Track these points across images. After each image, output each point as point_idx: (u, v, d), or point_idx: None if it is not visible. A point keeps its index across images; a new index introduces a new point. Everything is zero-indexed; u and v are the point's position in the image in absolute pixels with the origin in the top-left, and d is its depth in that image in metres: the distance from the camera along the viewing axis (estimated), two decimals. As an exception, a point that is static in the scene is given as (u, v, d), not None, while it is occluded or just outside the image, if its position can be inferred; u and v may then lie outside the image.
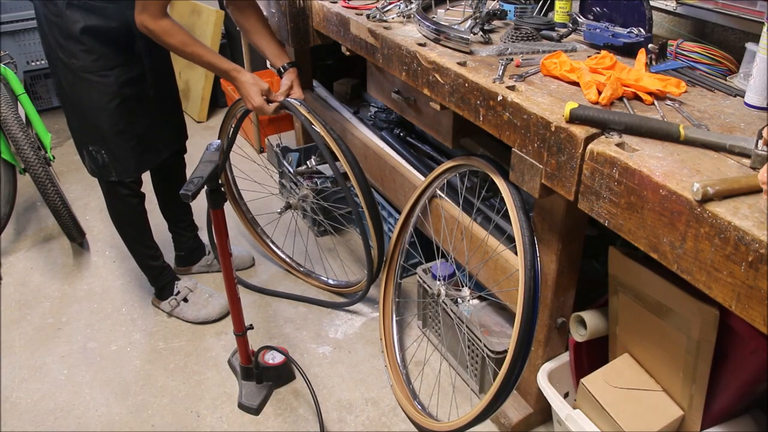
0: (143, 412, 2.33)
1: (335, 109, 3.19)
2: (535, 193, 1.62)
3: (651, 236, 1.30)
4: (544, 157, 1.55)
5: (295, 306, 2.82)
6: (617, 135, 1.42)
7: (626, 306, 1.77)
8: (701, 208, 1.17)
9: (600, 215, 1.43)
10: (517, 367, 1.81)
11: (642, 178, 1.28)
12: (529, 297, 1.77)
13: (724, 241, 1.13)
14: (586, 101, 1.56)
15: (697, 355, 1.56)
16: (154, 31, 2.11)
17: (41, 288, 2.99)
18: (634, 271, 1.67)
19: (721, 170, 1.28)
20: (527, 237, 1.80)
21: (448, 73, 1.85)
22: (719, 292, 1.18)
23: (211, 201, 1.95)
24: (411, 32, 2.15)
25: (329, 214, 3.11)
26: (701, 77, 1.74)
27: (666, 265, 1.29)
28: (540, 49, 1.95)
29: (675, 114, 1.53)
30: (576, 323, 1.92)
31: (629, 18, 1.96)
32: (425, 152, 2.75)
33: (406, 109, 2.38)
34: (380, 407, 2.32)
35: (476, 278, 2.19)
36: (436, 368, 2.46)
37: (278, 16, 2.87)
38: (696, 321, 1.51)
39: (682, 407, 1.70)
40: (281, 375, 2.42)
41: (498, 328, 2.24)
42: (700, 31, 2.03)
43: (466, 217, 2.19)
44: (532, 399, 2.13)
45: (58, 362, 2.56)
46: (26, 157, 2.92)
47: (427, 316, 2.57)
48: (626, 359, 1.84)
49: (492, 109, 1.69)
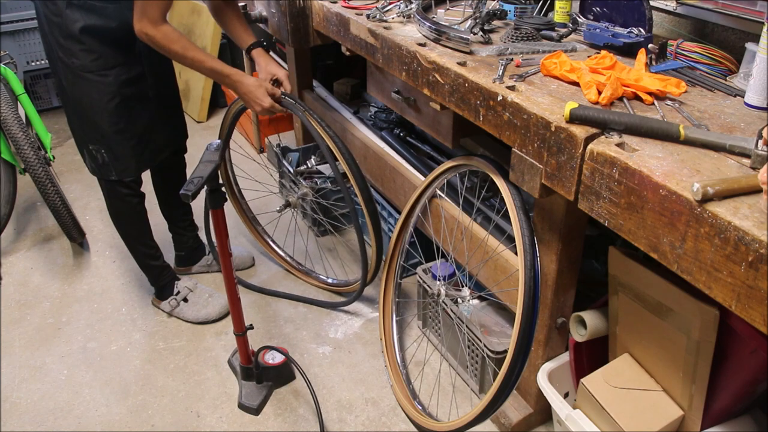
0: (143, 412, 2.33)
1: (335, 109, 3.19)
2: (535, 193, 1.62)
3: (651, 236, 1.30)
4: (544, 157, 1.55)
5: (295, 306, 2.82)
6: (617, 135, 1.42)
7: (626, 306, 1.77)
8: (701, 208, 1.17)
9: (600, 215, 1.43)
10: (517, 367, 1.81)
11: (642, 178, 1.28)
12: (529, 297, 1.77)
13: (724, 241, 1.14)
14: (586, 101, 1.56)
15: (697, 355, 1.57)
16: (155, 37, 2.10)
17: (41, 288, 2.99)
18: (634, 271, 1.67)
19: (721, 170, 1.28)
20: (527, 237, 1.80)
21: (448, 73, 1.85)
22: (719, 292, 1.18)
23: (210, 201, 1.95)
24: (411, 32, 2.16)
25: (329, 214, 3.11)
26: (701, 77, 1.74)
27: (666, 265, 1.29)
28: (540, 49, 1.96)
29: (675, 114, 1.53)
30: (576, 323, 1.92)
31: (629, 18, 1.96)
32: (425, 152, 2.75)
33: (406, 109, 2.38)
34: (380, 407, 2.32)
35: (476, 278, 2.19)
36: (436, 368, 2.46)
37: (278, 16, 2.87)
38: (696, 321, 1.52)
39: (682, 407, 1.70)
40: (281, 375, 2.42)
41: (498, 328, 2.24)
42: (700, 31, 2.03)
43: (466, 217, 2.19)
44: (532, 399, 2.13)
45: (58, 362, 2.56)
46: (26, 157, 2.92)
47: (427, 316, 2.57)
48: (626, 359, 1.84)
49: (492, 109, 1.69)
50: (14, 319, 2.80)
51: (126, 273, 3.03)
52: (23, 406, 2.36)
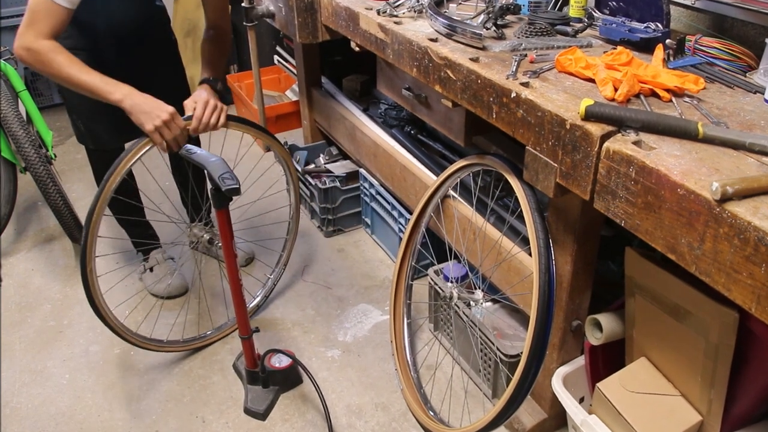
0: (147, 418, 2.35)
1: (344, 106, 3.21)
2: (549, 192, 1.63)
3: (668, 237, 1.31)
4: (559, 156, 1.56)
5: (302, 308, 2.84)
6: (634, 133, 1.43)
7: (643, 308, 1.78)
8: (720, 208, 1.17)
9: (616, 215, 1.44)
10: (532, 371, 1.81)
11: (659, 177, 1.29)
12: (543, 300, 1.78)
13: (744, 241, 1.14)
14: (601, 98, 1.58)
15: (716, 359, 1.57)
16: (39, 50, 1.99)
17: (42, 290, 3.01)
18: (652, 273, 1.68)
19: (741, 169, 1.29)
20: (542, 238, 1.81)
21: (461, 69, 1.86)
22: (739, 294, 1.19)
23: (216, 201, 1.97)
24: (422, 27, 2.17)
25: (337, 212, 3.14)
26: (720, 73, 1.75)
27: (684, 266, 1.30)
28: (554, 44, 1.97)
29: (693, 111, 1.54)
30: (591, 326, 1.92)
31: (646, 12, 1.97)
32: (437, 151, 2.76)
33: (417, 106, 2.40)
34: (390, 412, 2.34)
35: (489, 280, 2.20)
36: (447, 372, 2.48)
37: (285, 10, 2.89)
38: (715, 324, 1.52)
39: (700, 412, 1.71)
40: (288, 379, 2.43)
41: (511, 331, 2.26)
42: (719, 26, 2.04)
43: (480, 217, 2.20)
44: (547, 404, 2.14)
45: (60, 366, 2.58)
46: (27, 155, 2.94)
47: (438, 319, 2.59)
48: (643, 363, 1.85)
49: (505, 107, 1.71)
50: (14, 321, 2.82)
51: (129, 275, 3.05)
52: (24, 412, 2.38)
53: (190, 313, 2.82)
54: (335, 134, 3.31)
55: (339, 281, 3.01)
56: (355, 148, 3.10)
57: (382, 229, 3.13)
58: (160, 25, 2.59)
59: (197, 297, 2.92)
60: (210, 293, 2.96)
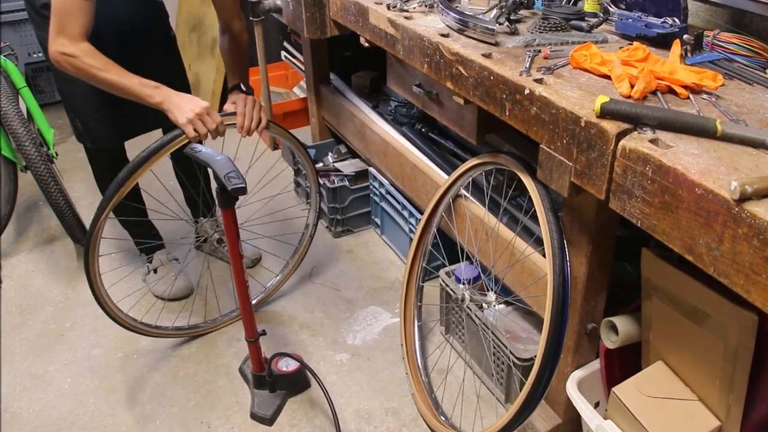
0: (151, 423, 2.36)
1: (353, 103, 3.22)
2: (564, 191, 1.64)
3: (686, 237, 1.31)
4: (574, 154, 1.57)
5: (311, 311, 2.86)
6: (650, 131, 1.43)
7: (660, 311, 1.78)
8: (739, 208, 1.17)
9: (632, 215, 1.44)
10: (546, 375, 1.82)
11: (677, 176, 1.29)
12: (558, 302, 1.79)
13: (764, 242, 1.14)
14: (617, 95, 1.58)
15: (734, 363, 1.58)
16: (75, 54, 2.04)
17: (43, 292, 3.03)
18: (669, 274, 1.68)
19: (760, 168, 1.29)
20: (556, 239, 1.82)
21: (473, 65, 1.87)
22: (758, 296, 1.19)
23: (222, 200, 1.98)
24: (433, 22, 2.18)
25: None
26: (739, 70, 1.75)
27: (702, 267, 1.30)
28: (569, 40, 1.98)
29: (711, 108, 1.55)
30: (607, 329, 1.93)
31: (663, 7, 1.97)
32: (448, 149, 2.77)
33: (427, 103, 2.41)
34: (401, 418, 2.35)
35: (502, 282, 2.21)
36: (459, 376, 2.49)
37: (293, 5, 2.91)
38: (734, 326, 1.53)
39: (719, 417, 1.71)
40: (296, 383, 2.45)
41: (525, 334, 2.26)
42: (738, 21, 2.04)
43: (492, 217, 2.21)
44: (561, 409, 2.15)
45: (62, 370, 2.60)
46: (28, 153, 2.95)
47: (450, 322, 2.60)
48: (660, 367, 1.85)
49: (518, 104, 1.72)
50: (15, 324, 2.84)
51: (132, 277, 3.07)
52: (24, 417, 2.40)
53: (194, 315, 2.84)
54: (344, 132, 3.33)
55: (348, 283, 3.02)
56: (365, 146, 3.11)
57: (392, 229, 3.14)
58: (159, 21, 2.64)
59: (202, 299, 2.94)
60: (215, 294, 2.98)
